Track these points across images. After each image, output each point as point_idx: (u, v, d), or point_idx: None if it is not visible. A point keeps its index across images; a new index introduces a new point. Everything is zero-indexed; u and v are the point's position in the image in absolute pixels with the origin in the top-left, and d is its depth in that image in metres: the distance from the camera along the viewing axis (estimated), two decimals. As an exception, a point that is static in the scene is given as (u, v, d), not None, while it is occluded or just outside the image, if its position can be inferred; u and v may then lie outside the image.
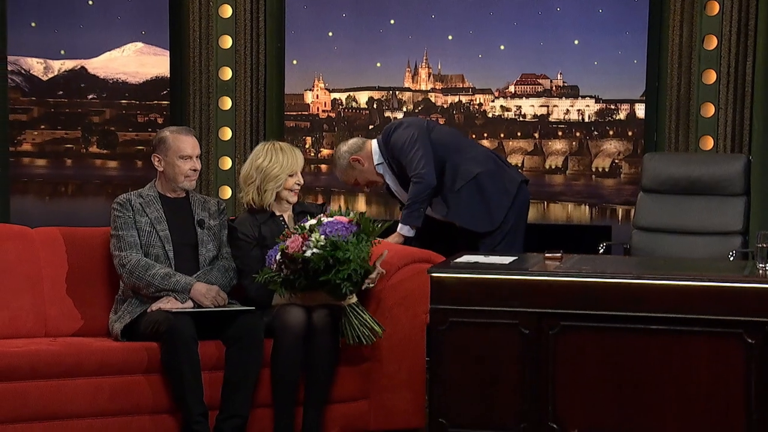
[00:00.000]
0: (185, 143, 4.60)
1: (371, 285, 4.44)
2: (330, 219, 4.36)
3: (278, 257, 4.33)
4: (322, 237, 4.28)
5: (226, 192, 6.81)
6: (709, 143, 6.42)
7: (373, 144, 5.26)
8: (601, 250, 5.46)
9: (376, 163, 5.23)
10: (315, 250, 4.26)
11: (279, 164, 4.60)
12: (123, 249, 4.50)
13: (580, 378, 3.98)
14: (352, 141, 5.33)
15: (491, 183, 5.15)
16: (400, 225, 5.11)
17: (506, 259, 4.27)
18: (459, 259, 4.29)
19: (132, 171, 7.01)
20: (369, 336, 4.39)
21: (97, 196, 7.06)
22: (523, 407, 4.00)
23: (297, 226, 4.41)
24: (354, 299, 4.41)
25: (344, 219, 4.37)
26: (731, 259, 5.11)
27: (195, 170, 4.62)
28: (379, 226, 4.41)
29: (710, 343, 3.86)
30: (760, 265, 4.02)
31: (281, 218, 4.65)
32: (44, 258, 4.69)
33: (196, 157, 4.62)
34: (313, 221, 4.38)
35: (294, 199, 4.66)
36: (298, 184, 4.64)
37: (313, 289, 4.38)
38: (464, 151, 5.22)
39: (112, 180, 7.08)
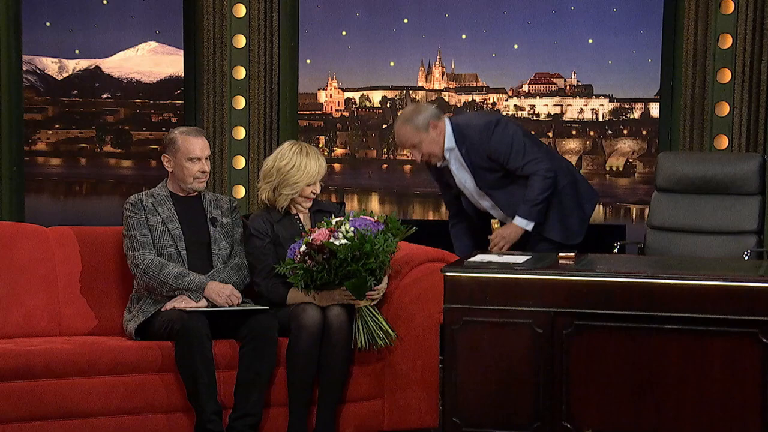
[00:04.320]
0: (194, 145, 4.59)
1: (377, 296, 4.46)
2: (357, 218, 4.40)
3: (302, 249, 4.34)
4: (352, 228, 4.30)
5: (240, 191, 6.82)
6: (723, 142, 6.39)
7: (447, 125, 4.99)
8: (615, 250, 5.45)
9: (447, 146, 4.96)
10: (344, 240, 4.28)
11: (300, 172, 4.56)
12: (136, 249, 4.51)
13: (594, 377, 3.97)
14: (432, 108, 5.01)
15: (582, 192, 5.05)
16: (519, 218, 4.90)
17: (520, 259, 4.27)
18: (473, 259, 4.29)
19: (146, 170, 7.03)
20: (384, 338, 4.40)
21: (111, 195, 7.08)
22: (537, 407, 4.00)
23: (324, 221, 4.42)
24: (369, 301, 4.42)
25: (371, 219, 4.41)
26: (746, 258, 5.09)
27: (204, 172, 4.61)
28: (406, 228, 4.43)
29: (725, 343, 3.85)
30: (775, 264, 4.01)
31: (296, 217, 4.65)
32: (59, 257, 4.70)
33: (205, 158, 4.61)
34: (340, 218, 4.41)
35: (307, 205, 4.63)
36: (314, 193, 4.61)
37: (332, 287, 4.38)
38: (550, 157, 5.08)
39: (126, 179, 7.10)
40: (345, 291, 4.40)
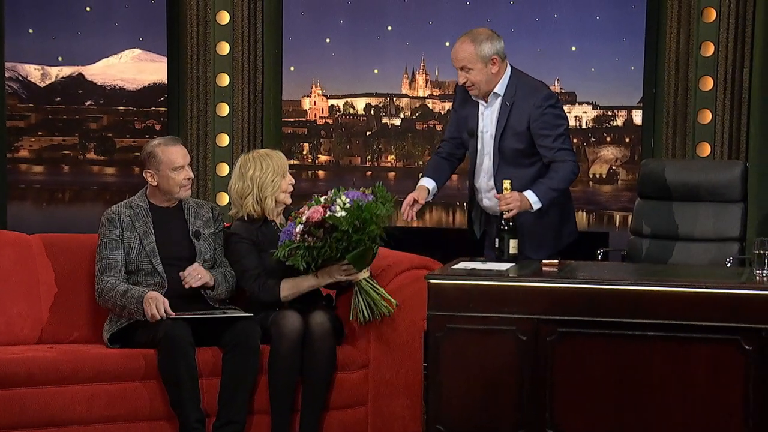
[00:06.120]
0: (176, 154, 4.56)
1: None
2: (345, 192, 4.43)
3: (299, 228, 4.34)
4: (347, 200, 4.31)
5: (224, 198, 6.80)
6: (706, 150, 6.42)
7: (507, 70, 4.74)
8: (599, 257, 5.46)
9: (495, 90, 4.70)
10: (343, 213, 4.28)
11: (271, 169, 4.60)
12: (102, 272, 4.47)
13: (578, 384, 3.97)
14: (502, 44, 4.72)
15: (568, 223, 4.88)
16: (532, 194, 4.57)
17: (504, 266, 4.27)
18: (456, 266, 4.29)
19: (129, 177, 7.01)
20: (387, 307, 4.41)
21: (94, 202, 7.05)
22: (521, 414, 4.00)
23: (314, 199, 4.43)
24: (367, 273, 4.43)
25: (358, 192, 4.42)
26: (728, 265, 5.10)
27: (189, 179, 4.60)
28: (393, 196, 4.45)
29: (708, 350, 3.86)
30: (758, 271, 4.02)
31: (273, 223, 4.66)
32: (41, 265, 4.68)
33: (188, 165, 4.60)
34: (328, 195, 4.41)
35: (290, 200, 4.66)
36: (292, 184, 4.66)
37: (333, 262, 4.39)
38: None
39: (110, 186, 7.07)
40: (344, 266, 4.40)
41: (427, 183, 4.81)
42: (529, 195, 4.57)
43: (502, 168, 4.72)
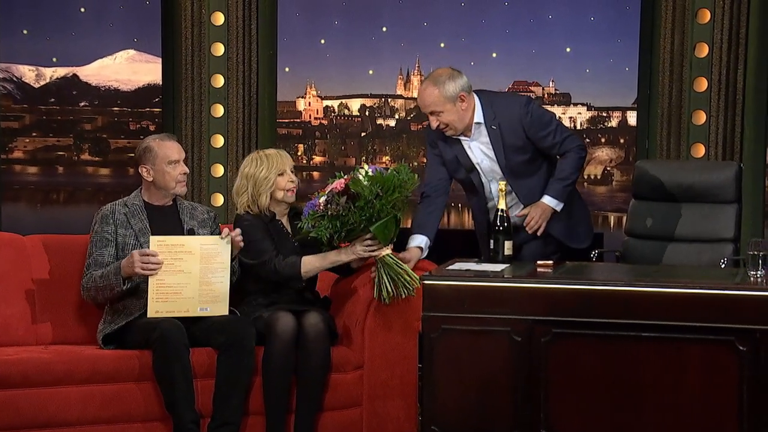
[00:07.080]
0: (171, 149, 4.58)
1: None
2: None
3: (323, 199, 4.36)
4: (370, 169, 4.35)
5: (218, 199, 6.80)
6: (700, 151, 6.43)
7: (476, 99, 4.68)
8: (593, 258, 5.46)
9: (475, 120, 4.66)
10: (366, 182, 4.31)
11: (265, 166, 4.60)
12: (89, 267, 4.48)
13: (573, 385, 3.98)
14: (465, 77, 4.66)
15: (584, 205, 4.97)
16: (549, 198, 4.63)
17: (498, 267, 4.27)
18: (451, 267, 4.29)
19: (124, 178, 7.01)
20: (411, 283, 4.41)
21: (89, 203, 7.05)
22: (516, 414, 4.00)
23: (336, 174, 4.44)
24: (389, 250, 4.44)
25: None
26: (722, 266, 5.11)
27: (185, 174, 4.61)
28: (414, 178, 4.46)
29: (702, 351, 3.87)
30: (751, 272, 4.03)
31: (279, 222, 4.66)
32: (36, 266, 4.68)
33: (183, 160, 4.61)
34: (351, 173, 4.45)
35: (291, 198, 4.65)
36: (292, 182, 4.64)
37: (357, 233, 4.38)
38: None
39: (104, 187, 7.07)
40: (367, 240, 4.40)
41: (420, 242, 4.70)
42: (548, 200, 4.64)
43: (514, 184, 4.71)
